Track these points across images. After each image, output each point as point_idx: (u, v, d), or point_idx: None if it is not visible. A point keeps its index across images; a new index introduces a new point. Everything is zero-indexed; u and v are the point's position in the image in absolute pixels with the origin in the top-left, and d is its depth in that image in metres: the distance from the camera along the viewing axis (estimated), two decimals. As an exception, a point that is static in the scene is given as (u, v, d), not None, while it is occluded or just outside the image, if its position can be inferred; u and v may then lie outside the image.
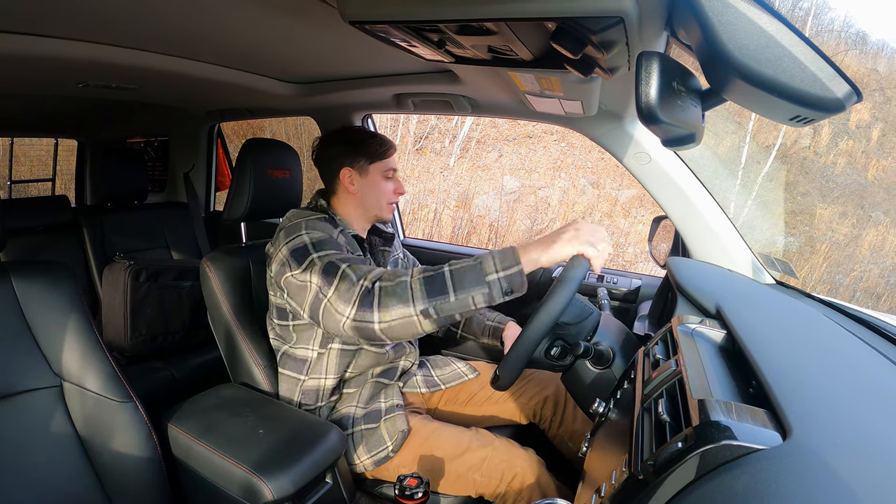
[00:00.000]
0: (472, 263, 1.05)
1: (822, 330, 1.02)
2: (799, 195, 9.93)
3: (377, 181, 1.45)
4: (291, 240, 1.25)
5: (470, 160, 10.42)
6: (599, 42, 0.78)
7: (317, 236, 1.25)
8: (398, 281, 1.07)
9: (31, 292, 1.12)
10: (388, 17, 0.80)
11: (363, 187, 1.44)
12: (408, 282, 1.06)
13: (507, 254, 1.05)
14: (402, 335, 1.07)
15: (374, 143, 1.44)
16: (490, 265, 1.04)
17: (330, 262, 1.16)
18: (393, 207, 1.50)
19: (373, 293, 1.07)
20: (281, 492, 1.05)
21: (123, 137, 3.24)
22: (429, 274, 1.06)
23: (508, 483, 1.24)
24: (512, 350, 1.05)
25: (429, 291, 1.04)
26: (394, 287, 1.06)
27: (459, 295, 1.03)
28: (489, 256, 1.05)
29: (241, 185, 1.52)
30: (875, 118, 10.87)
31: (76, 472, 1.10)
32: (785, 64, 0.58)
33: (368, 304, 1.06)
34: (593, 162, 10.14)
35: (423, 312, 1.04)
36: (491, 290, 1.03)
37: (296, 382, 1.38)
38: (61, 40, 1.19)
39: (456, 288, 1.03)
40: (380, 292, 1.07)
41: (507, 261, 1.04)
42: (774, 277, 1.45)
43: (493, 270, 1.03)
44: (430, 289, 1.04)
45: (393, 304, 1.05)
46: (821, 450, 0.51)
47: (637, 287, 1.86)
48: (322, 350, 1.37)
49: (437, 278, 1.05)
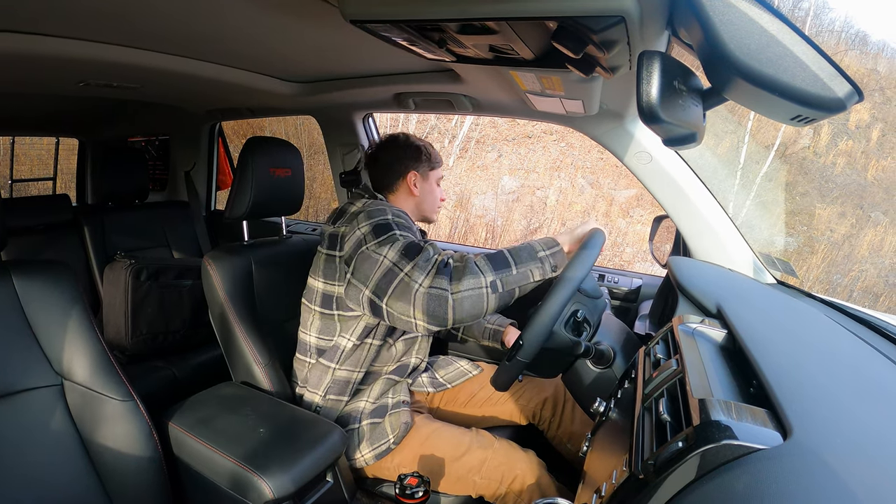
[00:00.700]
0: (523, 245, 1.19)
1: (822, 330, 1.02)
2: (798, 195, 9.93)
3: (433, 187, 1.56)
4: (375, 219, 1.28)
5: (469, 160, 10.42)
6: (601, 41, 0.78)
7: (400, 221, 1.30)
8: (466, 259, 1.17)
9: (31, 291, 1.12)
10: (389, 16, 0.80)
11: (424, 190, 1.53)
12: (473, 259, 1.16)
13: (548, 239, 1.20)
14: (470, 310, 1.12)
15: (433, 152, 1.57)
16: (538, 246, 1.18)
17: (412, 242, 1.22)
18: (439, 211, 1.63)
19: (448, 267, 1.16)
20: (281, 490, 1.05)
21: (124, 136, 3.23)
22: (489, 253, 1.18)
23: (508, 485, 1.24)
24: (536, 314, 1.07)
25: (494, 266, 1.14)
26: (463, 265, 1.15)
27: (520, 268, 1.15)
28: (534, 241, 1.20)
29: (242, 183, 1.52)
30: (875, 118, 10.86)
31: (76, 471, 1.10)
32: (786, 63, 0.58)
33: (446, 273, 1.14)
34: (592, 162, 10.14)
35: (492, 285, 1.12)
36: (543, 264, 1.16)
37: (327, 371, 1.38)
38: (62, 39, 1.19)
39: (516, 262, 1.15)
40: (454, 268, 1.15)
41: (549, 243, 1.19)
42: (775, 277, 1.45)
43: (542, 249, 1.17)
44: (495, 264, 1.14)
45: (466, 276, 1.12)
46: (821, 450, 0.51)
47: (638, 286, 1.86)
48: (359, 342, 1.37)
49: (498, 256, 1.16)
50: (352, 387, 1.39)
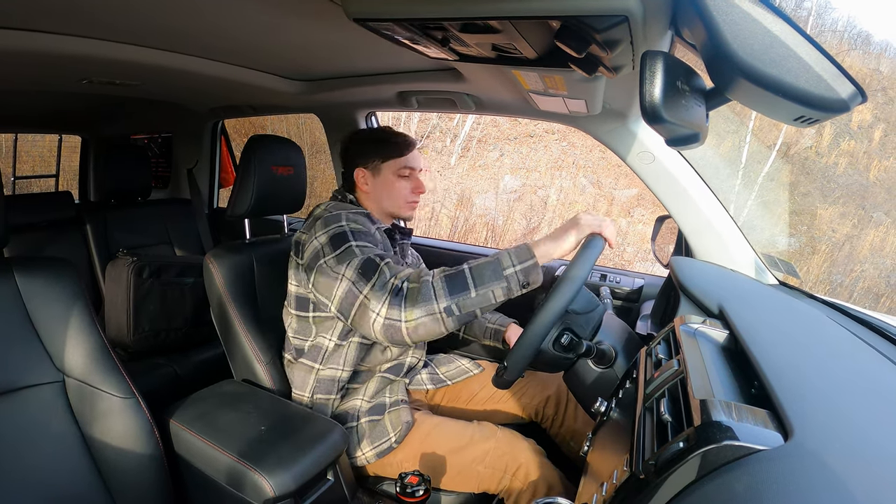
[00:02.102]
0: (489, 260, 1.10)
1: (824, 331, 1.02)
2: (800, 195, 9.92)
3: (390, 180, 1.45)
4: (331, 228, 1.26)
5: (471, 159, 10.41)
6: (604, 41, 0.78)
7: (357, 227, 1.27)
8: (422, 281, 1.10)
9: (34, 288, 1.12)
10: (393, 15, 0.80)
11: (376, 187, 1.46)
12: (430, 281, 1.10)
13: (522, 249, 1.10)
14: (426, 335, 1.09)
15: (389, 141, 1.45)
16: (507, 260, 1.09)
17: (368, 259, 1.18)
18: (413, 206, 1.51)
19: (402, 292, 1.10)
20: (282, 488, 1.06)
21: (127, 134, 3.24)
22: (449, 272, 1.11)
23: (513, 474, 1.24)
24: (522, 337, 1.06)
25: (450, 289, 1.08)
26: (419, 287, 1.10)
27: (480, 290, 1.08)
28: (505, 253, 1.11)
29: (245, 181, 1.52)
30: (877, 119, 10.84)
31: (78, 468, 1.11)
32: (789, 64, 0.58)
33: (397, 303, 1.09)
34: (594, 161, 10.13)
35: (446, 310, 1.07)
36: (509, 283, 1.08)
37: (310, 371, 1.38)
38: (64, 37, 1.19)
39: (476, 284, 1.08)
40: (408, 292, 1.10)
41: (522, 255, 1.09)
42: (777, 278, 1.45)
43: (510, 265, 1.08)
44: (452, 286, 1.08)
45: (418, 302, 1.08)
46: (822, 451, 0.51)
47: (640, 286, 1.86)
48: (341, 342, 1.37)
49: (457, 276, 1.10)
50: (338, 385, 1.38)
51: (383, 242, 1.36)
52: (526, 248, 1.10)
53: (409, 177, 1.48)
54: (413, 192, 1.49)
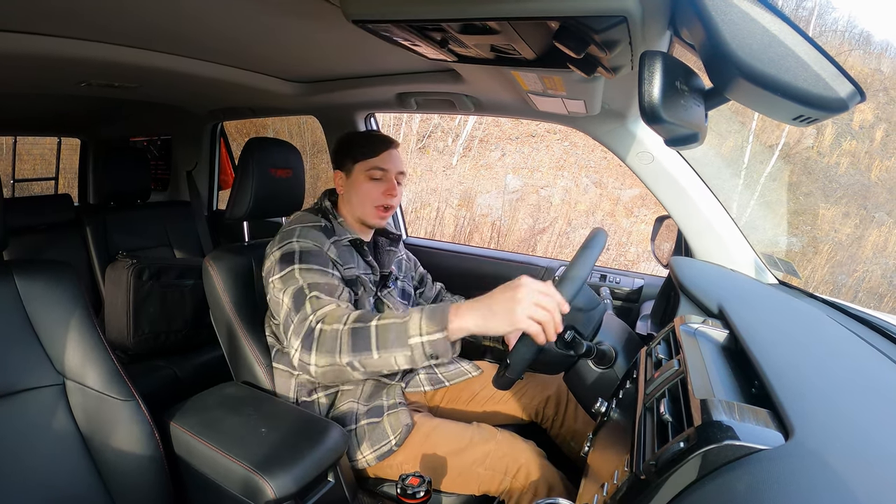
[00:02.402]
0: (397, 322, 1.02)
1: (824, 330, 1.02)
2: (802, 195, 9.91)
3: (359, 182, 1.41)
4: (283, 245, 1.29)
5: (472, 159, 10.42)
6: (602, 41, 0.78)
7: (306, 246, 1.27)
8: (332, 328, 1.07)
9: (33, 291, 1.12)
10: (391, 16, 0.80)
11: (348, 189, 1.44)
12: (339, 330, 1.06)
13: (437, 316, 1.00)
14: (336, 380, 1.10)
15: (361, 142, 1.42)
16: (415, 326, 1.00)
17: (299, 289, 1.18)
18: (380, 213, 1.44)
19: (313, 335, 1.09)
20: (283, 490, 1.05)
21: (126, 136, 3.24)
22: (357, 326, 1.05)
23: (513, 476, 1.23)
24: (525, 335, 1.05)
25: (354, 345, 1.04)
26: (329, 333, 1.07)
27: (382, 353, 1.02)
28: (417, 315, 1.01)
29: (243, 184, 1.53)
30: (878, 118, 10.84)
31: (78, 471, 1.11)
32: (788, 63, 0.58)
33: (308, 346, 1.09)
34: (596, 161, 10.13)
35: (350, 364, 1.04)
36: (413, 353, 1.00)
37: (290, 376, 1.39)
38: (63, 39, 1.19)
39: (379, 346, 1.02)
40: (319, 336, 1.08)
41: (433, 324, 0.99)
42: (777, 277, 1.45)
43: (417, 333, 0.99)
44: (356, 343, 1.04)
45: (325, 350, 1.06)
46: (823, 450, 0.50)
47: (640, 287, 1.86)
48: None
49: (363, 332, 1.04)
50: (319, 386, 1.39)
51: (338, 259, 1.33)
52: (442, 315, 0.99)
53: (381, 179, 1.42)
54: (384, 195, 1.42)
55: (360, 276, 1.40)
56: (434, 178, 9.91)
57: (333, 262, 1.31)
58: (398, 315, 1.04)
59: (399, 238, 1.63)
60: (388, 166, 1.43)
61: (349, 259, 1.39)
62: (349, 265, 1.38)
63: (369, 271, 1.46)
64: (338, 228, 1.42)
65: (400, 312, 1.05)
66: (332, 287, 1.22)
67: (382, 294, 1.50)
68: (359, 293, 1.38)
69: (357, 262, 1.43)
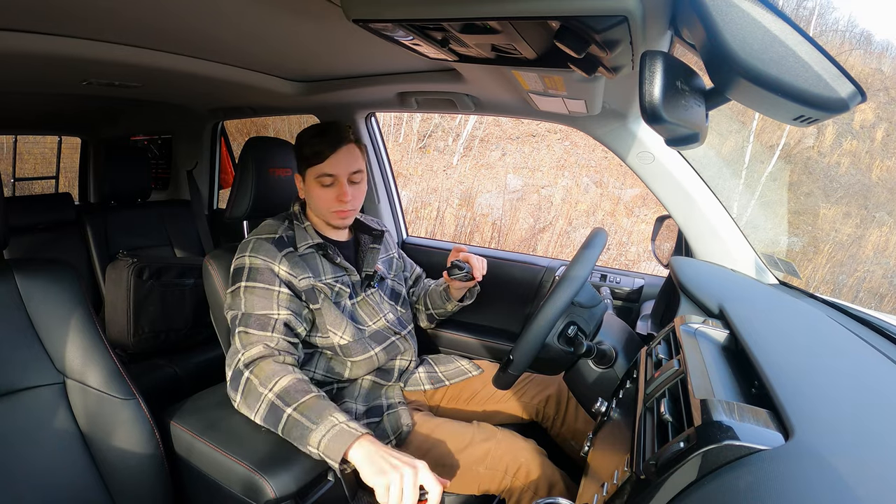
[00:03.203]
0: (306, 424, 1.07)
1: (824, 331, 1.02)
2: (803, 195, 9.91)
3: (312, 188, 1.38)
4: (238, 258, 1.32)
5: (473, 158, 10.42)
6: (603, 41, 0.78)
7: (256, 263, 1.29)
8: (258, 390, 1.15)
9: (34, 290, 1.12)
10: (392, 16, 0.80)
11: (307, 194, 1.41)
12: (263, 395, 1.14)
13: (340, 441, 1.04)
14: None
15: (308, 145, 1.37)
16: (316, 439, 1.05)
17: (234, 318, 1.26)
18: (341, 215, 1.41)
19: (241, 378, 1.18)
20: (283, 489, 1.05)
21: (126, 135, 3.24)
22: (277, 403, 1.12)
23: (514, 475, 1.23)
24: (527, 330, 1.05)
25: (267, 417, 1.13)
26: (255, 389, 1.15)
27: (285, 435, 1.11)
28: (325, 429, 1.05)
29: (243, 183, 1.53)
30: (879, 118, 10.84)
31: (78, 470, 1.11)
32: (789, 63, 0.57)
33: (235, 387, 1.19)
34: (597, 160, 10.14)
35: (261, 423, 1.15)
36: (311, 453, 1.09)
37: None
38: (65, 38, 1.19)
39: (283, 431, 1.11)
40: (246, 384, 1.17)
41: (333, 448, 1.04)
42: (777, 278, 1.45)
43: (316, 446, 1.05)
44: (269, 417, 1.13)
45: (247, 402, 1.16)
46: (823, 451, 0.51)
47: (640, 286, 1.86)
48: (309, 350, 1.39)
49: (278, 413, 1.11)
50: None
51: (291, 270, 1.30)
52: (343, 443, 1.03)
53: (331, 185, 1.37)
54: (336, 201, 1.38)
55: (320, 283, 1.35)
56: (434, 178, 9.91)
57: (283, 280, 1.29)
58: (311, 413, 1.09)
59: (382, 234, 1.58)
60: (338, 171, 1.36)
61: (307, 268, 1.34)
62: (304, 275, 1.32)
63: (341, 274, 1.42)
64: (300, 235, 1.39)
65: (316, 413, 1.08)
66: (265, 321, 1.24)
67: (367, 294, 1.48)
68: (319, 301, 1.34)
69: (320, 269, 1.37)
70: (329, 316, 1.35)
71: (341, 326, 1.35)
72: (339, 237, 1.49)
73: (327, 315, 1.35)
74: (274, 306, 1.25)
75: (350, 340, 1.36)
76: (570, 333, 1.10)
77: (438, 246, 2.34)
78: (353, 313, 1.43)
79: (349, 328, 1.36)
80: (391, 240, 1.71)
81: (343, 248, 1.48)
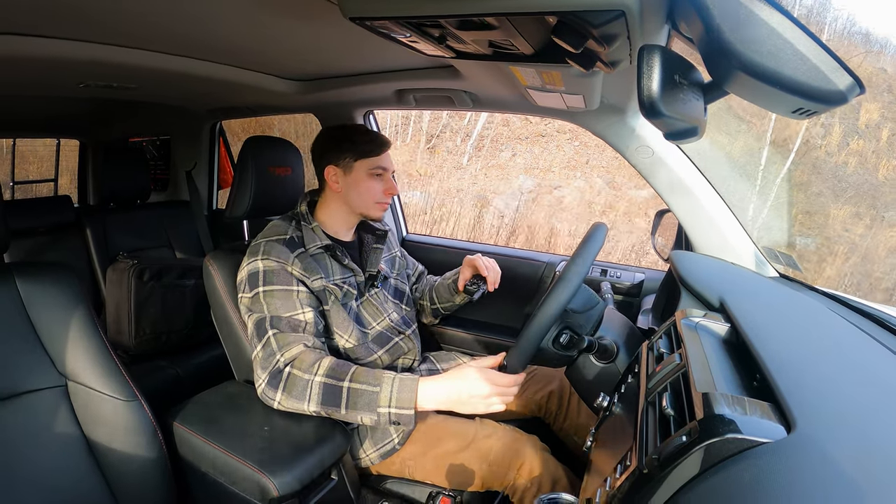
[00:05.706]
0: (369, 389, 1.12)
1: (825, 323, 1.02)
2: (813, 195, 9.89)
3: (362, 179, 1.40)
4: (249, 262, 1.30)
5: (483, 159, 10.40)
6: (601, 36, 0.77)
7: (270, 266, 1.28)
8: (303, 376, 1.15)
9: (35, 293, 1.12)
10: (389, 13, 0.80)
11: (347, 186, 1.41)
12: (311, 381, 1.14)
13: (406, 390, 1.10)
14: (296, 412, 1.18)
15: (363, 140, 1.41)
16: (385, 397, 1.10)
17: (260, 321, 1.24)
18: (383, 207, 1.46)
19: (281, 376, 1.17)
20: (286, 488, 1.06)
21: (125, 137, 3.23)
22: (330, 382, 1.14)
23: (517, 471, 1.24)
24: (523, 333, 1.06)
25: (324, 399, 1.13)
26: (299, 379, 1.15)
27: (350, 412, 1.12)
28: (388, 387, 1.11)
29: (242, 183, 1.52)
30: (884, 118, 10.82)
31: (82, 472, 1.11)
32: (787, 56, 0.57)
33: (275, 385, 1.17)
34: (607, 160, 10.12)
35: (315, 413, 1.15)
36: (379, 418, 1.11)
37: None
38: (62, 41, 1.19)
39: (348, 406, 1.12)
40: (287, 378, 1.16)
41: (403, 398, 1.09)
42: (777, 270, 1.45)
43: (387, 405, 1.10)
44: (326, 397, 1.13)
45: (293, 395, 1.15)
46: (825, 443, 0.51)
47: (640, 281, 1.86)
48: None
49: (335, 390, 1.13)
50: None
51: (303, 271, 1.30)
52: (411, 390, 1.10)
53: (381, 177, 1.43)
54: (384, 194, 1.44)
55: (331, 285, 1.35)
56: (447, 179, 9.89)
57: (298, 279, 1.29)
58: (371, 380, 1.13)
59: (386, 234, 1.58)
60: (389, 165, 1.45)
61: (318, 269, 1.34)
62: (317, 276, 1.32)
63: (348, 275, 1.42)
64: (308, 236, 1.38)
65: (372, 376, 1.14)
66: (295, 322, 1.24)
67: (370, 294, 1.48)
68: (329, 303, 1.34)
69: (329, 270, 1.37)
70: (336, 318, 1.34)
71: (347, 329, 1.34)
72: (346, 238, 1.49)
73: (335, 317, 1.34)
74: (298, 306, 1.25)
75: (354, 344, 1.35)
76: (563, 341, 1.10)
77: (438, 243, 2.34)
78: (358, 314, 1.42)
79: (354, 331, 1.36)
80: (394, 238, 1.70)
81: (349, 249, 1.47)
